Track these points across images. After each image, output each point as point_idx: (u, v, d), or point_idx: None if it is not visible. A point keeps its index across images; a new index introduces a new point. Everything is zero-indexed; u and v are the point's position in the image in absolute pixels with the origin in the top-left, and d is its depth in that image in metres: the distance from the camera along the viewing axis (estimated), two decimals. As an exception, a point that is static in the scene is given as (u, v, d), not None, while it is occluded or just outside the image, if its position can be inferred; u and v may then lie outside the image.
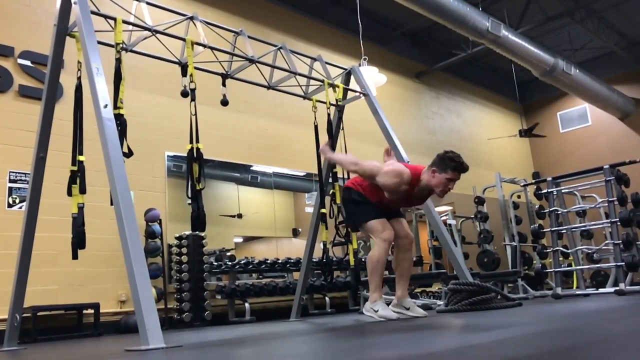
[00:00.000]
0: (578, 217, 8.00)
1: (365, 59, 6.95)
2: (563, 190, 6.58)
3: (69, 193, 3.61)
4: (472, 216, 8.79)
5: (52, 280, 5.35)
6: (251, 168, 7.59)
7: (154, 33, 4.09)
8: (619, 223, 5.67)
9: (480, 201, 8.78)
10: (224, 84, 4.57)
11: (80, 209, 3.57)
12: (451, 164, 3.49)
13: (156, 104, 6.58)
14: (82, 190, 3.60)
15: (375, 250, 3.70)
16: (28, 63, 5.70)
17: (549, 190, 6.23)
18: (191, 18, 4.46)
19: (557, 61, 9.58)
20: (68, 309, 5.29)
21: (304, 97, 5.38)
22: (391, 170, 3.61)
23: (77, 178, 3.60)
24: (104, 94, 3.18)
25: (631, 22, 10.52)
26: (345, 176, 4.84)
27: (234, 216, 7.27)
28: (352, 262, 4.85)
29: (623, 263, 5.53)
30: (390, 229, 3.67)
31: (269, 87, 5.14)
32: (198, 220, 3.62)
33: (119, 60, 3.61)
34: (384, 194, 3.68)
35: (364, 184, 3.79)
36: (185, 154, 3.78)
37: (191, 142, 3.75)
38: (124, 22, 3.85)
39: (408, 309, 3.77)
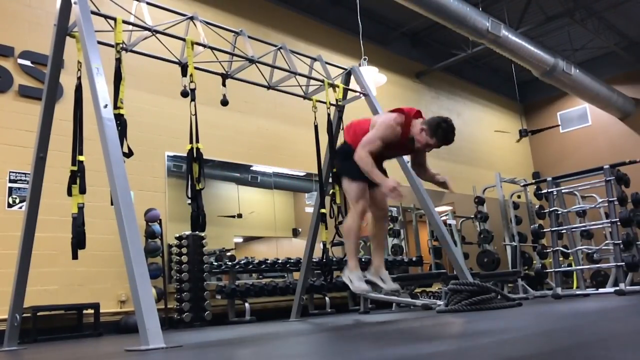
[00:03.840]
0: (578, 217, 8.00)
1: (365, 59, 6.95)
2: (563, 190, 6.58)
3: (69, 193, 3.61)
4: (472, 216, 8.79)
5: (52, 280, 5.35)
6: (251, 168, 7.59)
7: (154, 33, 4.09)
8: (619, 223, 5.68)
9: (480, 201, 8.78)
10: (224, 84, 4.57)
11: (80, 209, 3.57)
12: (440, 134, 3.55)
13: (156, 104, 6.58)
14: (82, 190, 3.60)
15: (348, 219, 3.82)
16: (28, 63, 5.70)
17: (549, 190, 6.23)
18: (191, 18, 4.46)
19: (557, 61, 9.58)
20: (68, 309, 5.29)
21: (304, 97, 5.38)
22: (384, 120, 3.67)
23: (77, 178, 3.61)
24: (104, 94, 3.18)
25: (631, 22, 10.52)
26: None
27: (234, 216, 7.27)
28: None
29: (623, 263, 5.54)
30: (365, 201, 3.66)
31: (269, 87, 5.14)
32: (198, 220, 3.62)
33: (119, 60, 3.62)
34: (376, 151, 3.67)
35: (357, 140, 3.73)
36: (185, 154, 3.78)
37: (191, 142, 3.75)
38: (124, 22, 3.85)
39: (384, 282, 3.78)
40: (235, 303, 6.17)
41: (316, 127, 5.09)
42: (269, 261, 6.61)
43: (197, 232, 4.60)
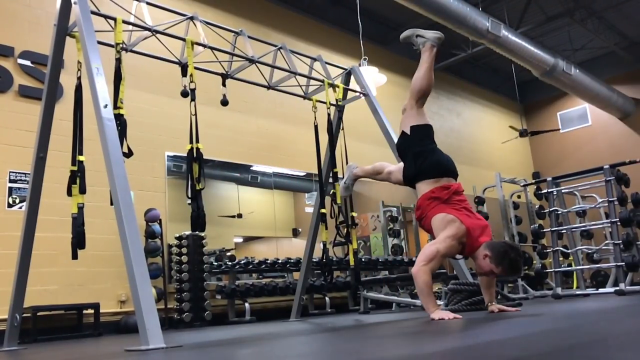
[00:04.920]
0: (578, 217, 8.00)
1: (365, 59, 6.95)
2: (563, 190, 6.58)
3: (69, 193, 3.60)
4: (472, 216, 8.77)
5: (52, 280, 5.35)
6: (251, 168, 7.59)
7: (154, 33, 4.09)
8: (619, 223, 5.67)
9: (480, 201, 8.78)
10: (224, 84, 4.57)
11: (80, 209, 3.57)
12: (506, 264, 3.18)
13: (156, 104, 6.58)
14: (82, 190, 3.60)
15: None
16: (28, 63, 5.70)
17: (549, 190, 6.23)
18: (191, 18, 4.46)
19: (557, 61, 9.59)
20: (68, 309, 5.29)
21: (304, 97, 5.38)
22: (448, 236, 3.23)
23: (77, 178, 3.60)
24: (104, 94, 3.18)
25: (631, 22, 10.52)
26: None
27: (234, 216, 7.27)
28: (352, 262, 4.85)
29: (623, 263, 5.53)
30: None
31: (269, 87, 5.14)
32: (198, 220, 3.61)
33: (119, 60, 3.61)
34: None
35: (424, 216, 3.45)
36: (185, 154, 3.78)
37: (191, 142, 3.75)
38: (124, 22, 3.85)
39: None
40: (235, 303, 6.17)
41: (316, 127, 5.09)
42: (269, 261, 6.61)
43: (197, 232, 4.59)
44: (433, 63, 3.71)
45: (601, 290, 6.48)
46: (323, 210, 4.99)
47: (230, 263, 6.35)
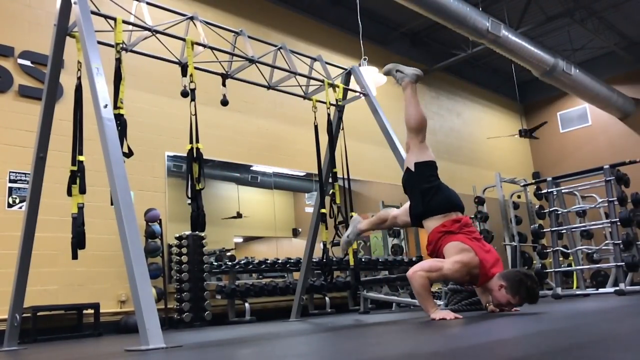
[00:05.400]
0: (578, 217, 8.00)
1: (365, 59, 6.95)
2: (563, 190, 6.58)
3: (69, 193, 3.60)
4: (472, 216, 8.78)
5: (52, 280, 5.35)
6: (251, 168, 7.59)
7: (154, 33, 4.09)
8: (619, 223, 5.67)
9: (480, 201, 8.78)
10: (224, 84, 4.57)
11: (80, 209, 3.57)
12: (524, 294, 3.16)
13: (156, 104, 6.58)
14: (82, 190, 3.60)
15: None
16: (28, 63, 5.70)
17: (549, 190, 6.23)
18: (191, 18, 4.46)
19: (557, 61, 9.58)
20: (68, 309, 5.29)
21: (304, 97, 5.38)
22: (460, 264, 3.21)
23: (77, 178, 3.60)
24: (104, 94, 3.18)
25: (631, 22, 10.52)
26: (345, 176, 4.86)
27: (234, 216, 7.27)
28: (352, 262, 4.85)
29: (623, 263, 5.53)
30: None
31: (269, 87, 5.14)
32: (198, 220, 3.61)
33: (119, 60, 3.61)
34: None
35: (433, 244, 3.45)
36: (185, 154, 3.78)
37: (191, 142, 3.75)
38: (124, 22, 3.85)
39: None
40: (235, 303, 6.17)
41: (316, 127, 5.09)
42: (269, 261, 6.61)
43: (197, 232, 4.59)
44: (417, 97, 3.78)
45: (601, 290, 6.48)
46: (323, 210, 4.99)
47: (230, 263, 6.35)
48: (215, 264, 6.25)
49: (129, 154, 3.36)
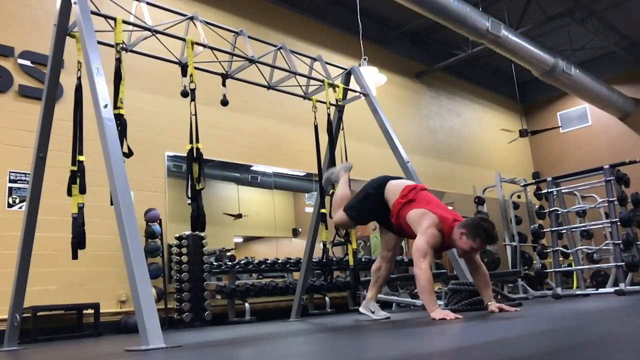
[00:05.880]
0: (578, 217, 8.00)
1: (365, 59, 6.94)
2: (563, 190, 6.58)
3: (69, 193, 3.60)
4: (472, 216, 8.79)
5: (52, 280, 5.35)
6: (251, 168, 7.59)
7: (154, 33, 4.09)
8: (619, 223, 5.67)
9: (480, 201, 8.78)
10: (224, 84, 4.57)
11: (80, 209, 3.57)
12: (482, 235, 3.34)
13: (156, 104, 6.58)
14: (82, 190, 3.60)
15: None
16: (28, 63, 5.70)
17: (549, 190, 6.23)
18: (191, 18, 4.46)
19: (557, 61, 9.58)
20: (68, 309, 5.29)
21: (304, 97, 5.38)
22: (426, 229, 3.40)
23: (77, 178, 3.60)
24: (104, 94, 3.18)
25: (631, 22, 10.52)
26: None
27: (234, 216, 7.26)
28: (351, 262, 4.85)
29: (623, 263, 5.53)
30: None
31: (269, 87, 5.14)
32: (198, 220, 3.62)
33: (119, 60, 3.61)
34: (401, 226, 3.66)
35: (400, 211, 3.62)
36: (185, 154, 3.78)
37: (191, 142, 3.75)
38: (124, 22, 3.85)
39: (373, 312, 3.96)
40: (235, 303, 6.17)
41: (316, 127, 5.09)
42: (269, 261, 6.61)
43: (197, 232, 4.60)
44: (347, 183, 4.11)
45: (601, 290, 6.48)
46: (323, 210, 4.99)
47: (230, 263, 6.35)
48: (215, 264, 6.25)
49: (129, 154, 3.36)
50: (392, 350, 1.81)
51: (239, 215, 7.31)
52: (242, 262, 6.43)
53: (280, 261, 6.69)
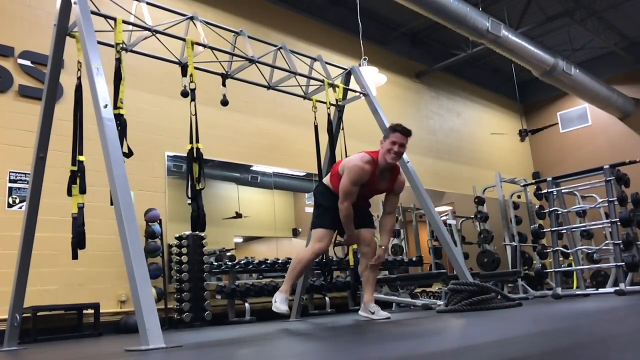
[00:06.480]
0: (578, 217, 8.00)
1: (365, 59, 6.94)
2: (563, 190, 6.58)
3: (69, 193, 3.60)
4: (472, 216, 8.79)
5: (52, 280, 5.35)
6: (251, 168, 7.59)
7: (154, 33, 4.09)
8: (619, 223, 5.67)
9: (480, 201, 8.78)
10: (224, 84, 4.57)
11: (80, 209, 3.57)
12: (390, 129, 3.85)
13: (156, 104, 6.58)
14: (82, 190, 3.60)
15: (303, 252, 3.94)
16: (28, 63, 5.70)
17: (549, 190, 6.23)
18: (191, 18, 4.46)
19: (557, 61, 9.58)
20: (68, 309, 5.29)
21: (304, 97, 5.38)
22: (351, 166, 3.77)
23: (77, 178, 3.60)
24: (104, 94, 3.18)
25: (631, 22, 10.52)
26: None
27: (234, 216, 7.26)
28: (352, 262, 4.85)
29: (623, 263, 5.54)
30: (327, 243, 3.89)
31: (269, 87, 5.14)
32: (198, 220, 3.62)
33: (119, 60, 3.61)
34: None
35: (332, 181, 3.95)
36: (185, 154, 3.78)
37: (191, 142, 3.75)
38: (124, 22, 3.85)
39: (373, 313, 3.97)
40: (235, 303, 6.17)
41: (316, 127, 5.09)
42: (269, 261, 6.61)
43: (197, 232, 4.60)
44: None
45: (601, 290, 6.48)
46: (323, 210, 4.98)
47: (230, 263, 6.34)
48: (215, 264, 6.25)
49: (129, 154, 3.36)
50: (392, 350, 1.81)
51: (239, 215, 7.31)
52: (242, 262, 6.42)
53: (280, 261, 6.68)
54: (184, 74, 4.09)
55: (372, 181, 3.85)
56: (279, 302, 3.78)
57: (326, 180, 4.04)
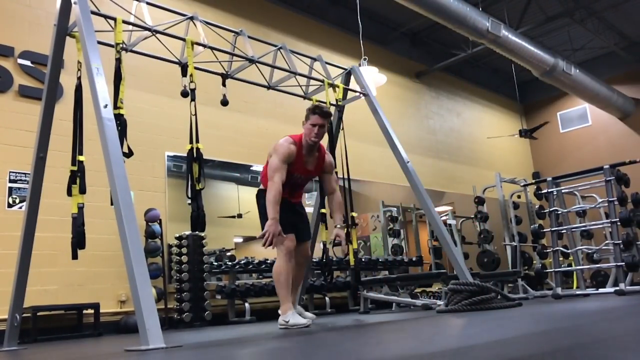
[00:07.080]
0: (578, 217, 8.00)
1: (365, 59, 6.94)
2: (563, 190, 6.58)
3: (69, 193, 3.60)
4: (472, 216, 8.79)
5: (52, 280, 5.35)
6: (251, 168, 7.59)
7: (154, 33, 4.09)
8: (619, 223, 5.67)
9: (480, 201, 8.78)
10: (224, 84, 4.56)
11: (80, 209, 3.56)
12: (310, 110, 3.95)
13: (156, 104, 6.58)
14: (82, 190, 3.60)
15: (277, 263, 3.93)
16: (28, 63, 5.70)
17: (549, 190, 6.23)
18: (191, 18, 4.46)
19: (557, 61, 9.58)
20: (68, 309, 5.29)
21: (304, 97, 5.38)
22: (276, 147, 3.89)
23: (77, 178, 3.60)
24: (104, 94, 3.18)
25: (631, 22, 10.52)
26: (345, 176, 4.84)
27: (234, 216, 7.26)
28: (352, 262, 4.85)
29: (623, 263, 5.54)
30: (290, 239, 3.91)
31: (269, 87, 5.14)
32: (198, 220, 3.61)
33: (119, 60, 3.61)
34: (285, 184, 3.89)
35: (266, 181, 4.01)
36: (185, 154, 3.78)
37: (191, 142, 3.75)
38: (124, 22, 3.85)
39: (303, 315, 4.01)
40: (235, 303, 6.17)
41: (316, 127, 5.08)
42: (269, 261, 6.60)
43: (197, 232, 4.60)
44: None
45: (601, 290, 6.48)
46: (323, 210, 4.97)
47: (230, 263, 6.34)
48: (215, 264, 6.25)
49: (129, 154, 3.36)
50: (392, 350, 1.81)
51: (239, 215, 7.31)
52: (242, 262, 6.42)
53: (280, 261, 6.68)
54: (184, 74, 4.09)
55: (300, 161, 3.96)
56: (291, 320, 3.63)
57: (262, 185, 4.16)
